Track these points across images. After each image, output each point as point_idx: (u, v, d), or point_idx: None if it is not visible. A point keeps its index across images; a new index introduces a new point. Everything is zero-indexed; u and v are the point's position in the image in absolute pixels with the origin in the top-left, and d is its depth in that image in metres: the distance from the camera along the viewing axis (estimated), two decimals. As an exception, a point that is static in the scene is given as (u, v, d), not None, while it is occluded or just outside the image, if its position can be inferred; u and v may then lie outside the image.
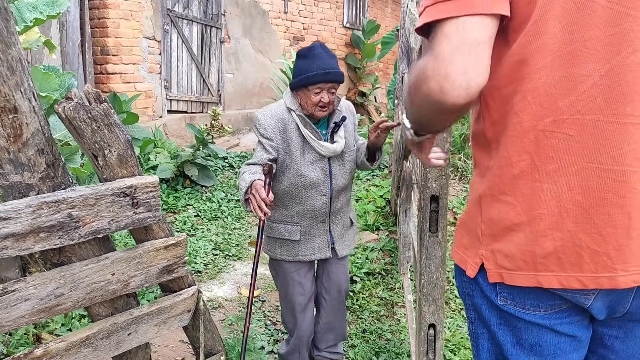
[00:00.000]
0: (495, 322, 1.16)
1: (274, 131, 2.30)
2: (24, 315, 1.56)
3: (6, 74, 1.23)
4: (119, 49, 5.98)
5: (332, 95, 2.27)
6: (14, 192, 1.42)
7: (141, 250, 1.71)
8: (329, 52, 2.29)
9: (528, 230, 1.04)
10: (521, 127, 1.02)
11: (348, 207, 2.56)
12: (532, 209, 1.04)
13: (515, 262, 1.07)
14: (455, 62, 0.91)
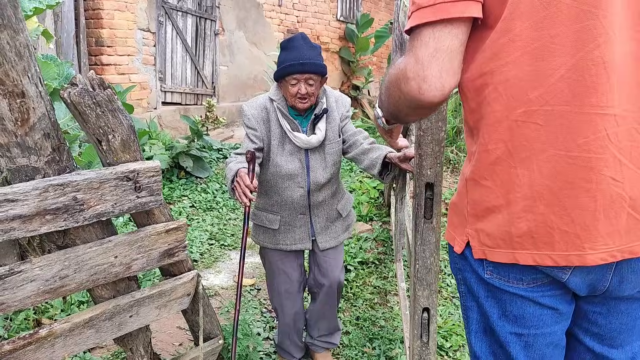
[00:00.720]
0: (483, 294, 1.25)
1: (257, 121, 2.33)
2: (29, 296, 1.60)
3: (14, 60, 1.26)
4: (114, 40, 5.99)
5: (310, 87, 2.25)
6: (20, 176, 1.46)
7: (143, 234, 1.76)
8: (309, 43, 2.27)
9: (505, 212, 1.13)
10: (495, 117, 1.11)
11: (334, 199, 2.52)
12: (508, 192, 1.12)
13: (495, 241, 1.16)
14: (432, 67, 1.02)
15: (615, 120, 1.03)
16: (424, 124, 1.89)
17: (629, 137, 1.04)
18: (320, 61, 2.25)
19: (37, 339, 1.68)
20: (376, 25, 10.51)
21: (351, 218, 2.66)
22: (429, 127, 1.90)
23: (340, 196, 2.58)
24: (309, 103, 2.30)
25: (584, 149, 1.04)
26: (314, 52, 2.25)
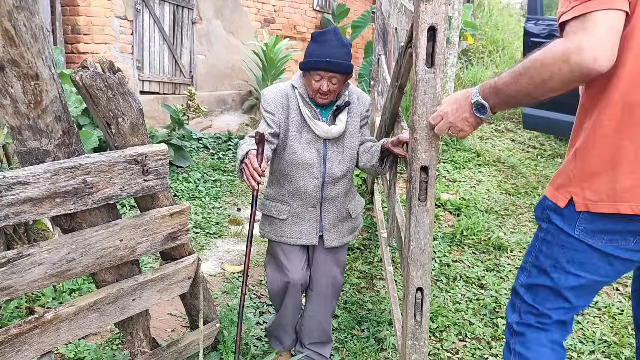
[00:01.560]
0: (560, 242, 1.61)
1: (277, 106, 2.30)
2: (36, 280, 1.61)
3: (30, 42, 1.27)
4: (90, 28, 5.90)
5: (333, 85, 2.23)
6: (30, 159, 1.47)
7: (148, 218, 1.78)
8: (341, 39, 2.22)
9: (611, 173, 1.46)
10: (612, 100, 1.43)
11: (347, 198, 2.48)
12: (614, 158, 1.45)
13: (599, 196, 1.48)
14: (607, 41, 1.31)
15: None
16: (420, 109, 1.95)
17: None
18: (347, 61, 2.22)
19: (43, 322, 1.69)
20: (352, 15, 10.55)
21: (359, 221, 2.61)
22: (424, 112, 1.96)
23: (352, 196, 2.54)
24: (328, 99, 2.28)
25: None
26: (343, 50, 2.22)
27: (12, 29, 1.21)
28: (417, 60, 1.93)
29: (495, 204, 4.76)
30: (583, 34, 1.32)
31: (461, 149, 5.91)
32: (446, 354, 2.82)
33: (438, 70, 1.91)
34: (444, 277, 3.60)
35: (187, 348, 2.31)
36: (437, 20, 1.87)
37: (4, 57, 1.24)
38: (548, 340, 1.75)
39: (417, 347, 2.19)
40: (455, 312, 3.20)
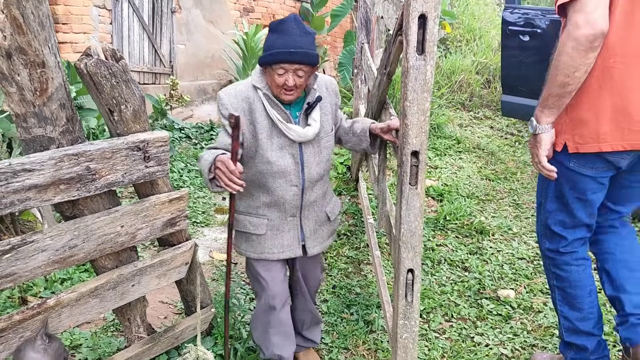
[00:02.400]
0: (563, 175, 2.09)
1: (237, 111, 2.03)
2: (40, 266, 1.64)
3: (37, 30, 1.29)
4: (69, 18, 5.81)
5: (299, 79, 2.00)
6: (35, 146, 1.49)
7: (148, 204, 1.81)
8: (303, 28, 2.00)
9: (595, 121, 1.93)
10: (596, 64, 1.86)
11: (324, 200, 2.32)
12: (597, 110, 1.93)
13: (585, 139, 1.96)
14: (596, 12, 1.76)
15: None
16: (410, 95, 2.01)
17: None
18: (313, 50, 2.00)
19: (45, 308, 1.73)
20: (330, 4, 10.55)
21: (337, 223, 2.47)
22: (415, 98, 2.02)
23: (330, 198, 2.38)
24: (295, 95, 2.06)
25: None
26: (307, 38, 1.99)
27: (20, 17, 1.23)
28: (407, 48, 1.98)
29: (476, 189, 4.87)
30: (577, 14, 1.77)
31: (442, 136, 6.01)
32: (434, 334, 2.91)
33: (428, 57, 1.97)
34: (429, 261, 3.69)
35: (183, 333, 2.36)
36: (428, 9, 1.92)
37: (12, 45, 1.25)
38: (573, 259, 2.26)
39: (408, 327, 2.27)
40: (441, 294, 3.29)
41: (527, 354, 2.72)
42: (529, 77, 5.24)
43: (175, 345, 2.37)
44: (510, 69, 5.36)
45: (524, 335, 2.88)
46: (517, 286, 3.40)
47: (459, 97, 7.49)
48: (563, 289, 2.29)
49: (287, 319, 2.36)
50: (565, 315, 2.31)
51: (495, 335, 2.89)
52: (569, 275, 2.27)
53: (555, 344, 2.77)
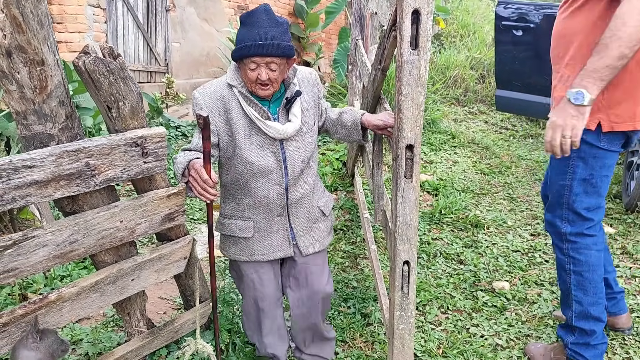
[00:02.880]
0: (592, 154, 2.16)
1: (212, 112, 1.98)
2: (41, 261, 1.67)
3: (36, 28, 1.32)
4: (64, 17, 5.82)
5: (272, 72, 1.90)
6: (35, 143, 1.51)
7: (147, 199, 1.84)
8: (273, 18, 1.90)
9: (632, 101, 2.07)
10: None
11: (314, 195, 2.22)
12: (635, 89, 2.06)
13: (622, 118, 2.08)
14: None
15: None
16: (405, 89, 2.04)
17: None
18: (285, 41, 1.91)
19: (47, 303, 1.75)
20: (325, 1, 10.58)
21: (333, 219, 2.38)
22: (409, 92, 2.05)
23: (321, 192, 2.28)
24: (272, 90, 1.97)
25: None
26: (278, 29, 1.89)
27: (20, 16, 1.25)
28: (401, 43, 2.01)
29: (471, 183, 4.91)
30: None
31: (437, 131, 6.05)
32: (430, 326, 2.95)
33: (422, 52, 2.00)
34: (425, 254, 3.73)
35: (183, 327, 2.39)
36: (421, 4, 1.95)
37: (12, 43, 1.28)
38: (593, 244, 2.31)
39: (405, 318, 2.30)
40: (436, 287, 3.33)
41: (522, 344, 2.76)
42: (522, 71, 5.29)
43: (175, 339, 2.40)
44: (504, 64, 5.41)
45: (519, 325, 2.92)
46: (512, 278, 3.44)
47: (453, 92, 7.53)
48: (580, 274, 2.32)
49: (279, 320, 2.30)
50: (579, 299, 2.35)
51: (490, 326, 2.93)
52: (589, 259, 2.30)
53: (550, 334, 2.81)
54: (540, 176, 5.21)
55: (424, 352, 2.72)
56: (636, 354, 2.64)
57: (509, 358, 2.67)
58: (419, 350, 2.75)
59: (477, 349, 2.72)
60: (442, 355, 2.70)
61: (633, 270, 3.43)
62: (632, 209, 4.20)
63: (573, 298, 2.36)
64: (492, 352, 2.72)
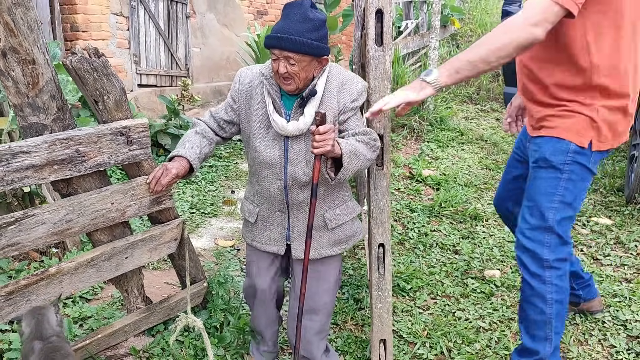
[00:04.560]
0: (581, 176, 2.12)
1: (240, 93, 2.07)
2: (40, 237, 1.90)
3: (27, 32, 1.55)
4: (88, 25, 6.17)
5: (291, 67, 1.90)
6: (31, 132, 1.75)
7: (135, 184, 2.06)
8: (305, 12, 1.88)
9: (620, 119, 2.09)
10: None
11: (324, 203, 2.14)
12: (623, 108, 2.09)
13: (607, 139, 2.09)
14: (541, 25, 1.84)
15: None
16: (372, 83, 2.22)
17: None
18: (308, 38, 1.88)
19: (47, 275, 1.98)
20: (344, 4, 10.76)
21: (346, 233, 2.22)
22: (376, 85, 2.22)
23: (333, 203, 2.17)
24: (294, 85, 1.96)
25: None
26: (304, 25, 1.88)
27: (11, 22, 1.48)
28: (368, 40, 2.20)
29: (475, 178, 5.02)
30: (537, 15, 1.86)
31: (445, 128, 6.16)
32: (418, 310, 3.10)
33: (387, 49, 2.18)
34: (422, 245, 3.87)
35: (178, 305, 2.61)
36: (383, 4, 2.13)
37: (6, 45, 1.51)
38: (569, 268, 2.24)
39: (382, 297, 2.46)
40: (429, 275, 3.47)
41: (504, 327, 2.88)
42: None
43: (171, 316, 2.62)
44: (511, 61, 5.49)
45: (503, 310, 3.04)
46: (504, 267, 3.55)
47: (466, 90, 7.62)
48: (561, 302, 2.19)
49: (271, 312, 2.37)
50: (559, 330, 2.23)
51: (475, 311, 3.06)
52: (566, 284, 2.20)
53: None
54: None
55: (410, 334, 2.87)
56: (612, 336, 2.74)
57: (490, 339, 2.80)
58: (405, 332, 2.90)
59: (460, 331, 2.86)
60: (427, 336, 2.84)
61: (623, 259, 3.50)
62: (630, 200, 4.25)
63: (553, 330, 2.20)
64: (474, 334, 2.85)
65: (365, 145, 2.00)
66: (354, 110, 2.06)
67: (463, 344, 2.76)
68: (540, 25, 1.83)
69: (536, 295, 2.19)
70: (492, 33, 1.93)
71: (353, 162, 1.93)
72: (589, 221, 4.10)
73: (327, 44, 1.96)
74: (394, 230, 4.03)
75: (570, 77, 2.06)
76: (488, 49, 1.89)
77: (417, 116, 5.83)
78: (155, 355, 2.50)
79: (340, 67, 2.11)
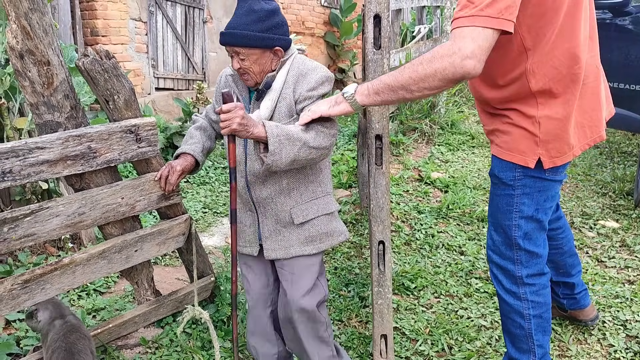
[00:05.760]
0: (537, 189, 2.00)
1: (218, 93, 2.14)
2: (55, 229, 2.01)
3: (42, 35, 1.66)
4: (108, 30, 6.35)
5: (242, 62, 1.87)
6: (46, 129, 1.86)
7: (144, 180, 2.17)
8: (251, 5, 1.84)
9: (566, 135, 1.92)
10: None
11: (287, 198, 2.04)
12: (566, 125, 1.92)
13: (562, 151, 1.93)
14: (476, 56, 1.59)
15: None
16: (372, 85, 2.30)
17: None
18: (252, 30, 1.81)
19: (61, 265, 2.10)
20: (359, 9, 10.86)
21: (317, 230, 2.08)
22: (375, 87, 2.31)
23: (301, 198, 2.06)
24: (252, 80, 1.93)
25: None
26: (247, 18, 1.82)
27: (28, 26, 1.60)
28: (366, 44, 2.28)
29: (484, 181, 5.06)
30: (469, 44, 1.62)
31: (456, 132, 6.21)
32: (421, 308, 3.16)
33: (385, 52, 2.26)
34: (428, 246, 3.93)
35: (186, 297, 2.71)
36: (381, 9, 2.21)
37: (23, 48, 1.63)
38: (547, 280, 2.15)
39: (382, 294, 2.53)
40: (434, 275, 3.53)
41: (505, 325, 2.93)
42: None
43: (180, 309, 2.73)
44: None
45: (505, 309, 3.09)
46: (508, 268, 3.59)
47: (480, 95, 7.64)
48: (540, 316, 2.15)
49: (264, 321, 2.23)
50: (541, 342, 2.18)
51: (478, 310, 3.11)
52: (546, 299, 2.15)
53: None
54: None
55: (412, 332, 2.94)
56: (612, 335, 2.78)
57: (490, 337, 2.85)
58: (407, 330, 2.97)
59: (462, 329, 2.92)
60: (429, 334, 2.91)
61: (627, 262, 3.52)
62: (639, 204, 4.26)
63: (534, 343, 2.17)
64: (475, 332, 2.91)
65: (313, 132, 1.88)
66: (311, 99, 1.95)
67: (464, 341, 2.82)
68: (473, 57, 1.58)
69: (513, 312, 2.16)
70: (419, 59, 1.71)
71: (285, 146, 1.81)
72: (596, 224, 4.12)
73: (279, 34, 1.88)
74: (401, 231, 4.10)
75: (510, 89, 1.92)
76: (409, 76, 1.70)
77: (428, 120, 5.88)
78: (164, 346, 2.61)
79: (307, 58, 2.02)
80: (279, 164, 1.83)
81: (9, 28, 1.58)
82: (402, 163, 5.24)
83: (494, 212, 2.14)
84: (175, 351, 2.58)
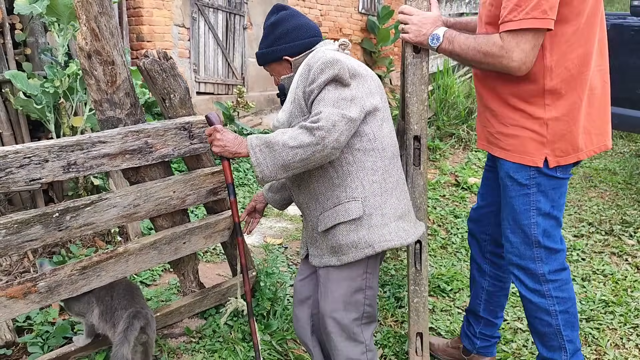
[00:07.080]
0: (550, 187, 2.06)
1: None
2: (112, 219, 2.14)
3: (109, 37, 1.80)
4: (153, 36, 6.59)
5: (273, 76, 2.02)
6: (108, 124, 2.00)
7: (194, 175, 2.29)
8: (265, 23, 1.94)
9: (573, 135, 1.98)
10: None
11: (316, 205, 1.94)
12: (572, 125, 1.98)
13: (566, 152, 2.00)
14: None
15: None
16: (410, 87, 2.37)
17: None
18: (261, 49, 1.95)
19: (116, 254, 2.23)
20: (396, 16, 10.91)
21: (338, 240, 1.89)
22: (414, 90, 2.38)
23: (326, 204, 1.91)
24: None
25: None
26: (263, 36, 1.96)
27: (96, 28, 1.73)
28: (406, 48, 2.36)
29: (521, 188, 5.05)
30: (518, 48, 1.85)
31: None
32: (457, 310, 3.20)
33: (423, 56, 2.33)
34: (464, 250, 3.95)
35: (229, 291, 2.82)
36: (422, 14, 2.28)
37: (91, 48, 1.77)
38: (569, 274, 2.17)
39: (418, 292, 2.59)
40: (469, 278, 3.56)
41: (541, 329, 2.94)
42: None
43: (222, 302, 2.83)
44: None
45: (541, 313, 3.10)
46: (545, 273, 3.59)
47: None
48: (567, 311, 2.15)
49: (303, 320, 2.22)
50: (571, 338, 2.17)
51: (514, 313, 3.13)
52: (570, 293, 2.16)
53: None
54: (596, 183, 5.24)
55: (448, 332, 2.98)
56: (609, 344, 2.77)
57: (526, 340, 2.87)
58: (443, 330, 3.02)
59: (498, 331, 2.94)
60: (464, 334, 2.94)
61: None
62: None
63: (564, 339, 2.17)
64: (511, 334, 2.93)
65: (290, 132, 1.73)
66: (313, 93, 1.79)
67: (500, 343, 2.85)
68: (518, 60, 1.83)
69: (539, 310, 2.16)
70: (481, 45, 1.93)
71: (266, 155, 1.70)
72: (636, 232, 4.07)
73: (283, 43, 1.89)
74: (437, 235, 4.13)
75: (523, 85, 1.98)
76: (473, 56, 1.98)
77: (465, 125, 5.89)
78: (207, 336, 2.72)
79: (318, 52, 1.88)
80: (267, 173, 1.72)
81: (80, 30, 1.71)
82: (438, 168, 5.27)
83: (509, 215, 2.15)
84: (218, 341, 2.69)
